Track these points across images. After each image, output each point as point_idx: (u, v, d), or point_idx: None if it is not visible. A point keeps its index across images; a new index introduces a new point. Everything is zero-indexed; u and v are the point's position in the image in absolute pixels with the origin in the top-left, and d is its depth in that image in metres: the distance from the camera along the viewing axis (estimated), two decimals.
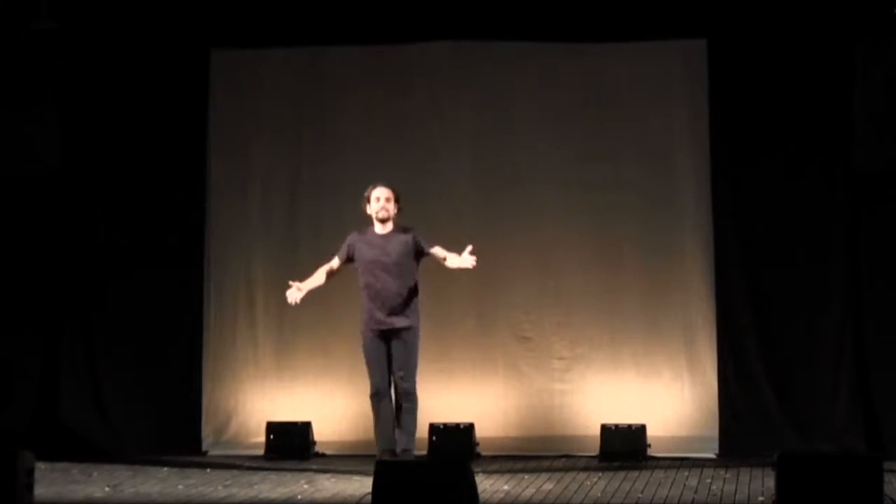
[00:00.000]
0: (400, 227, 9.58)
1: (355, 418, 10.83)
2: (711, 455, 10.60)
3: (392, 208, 9.55)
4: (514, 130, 11.15)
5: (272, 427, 10.98)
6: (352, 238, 9.64)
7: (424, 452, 10.64)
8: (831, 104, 10.68)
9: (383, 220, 9.55)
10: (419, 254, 9.56)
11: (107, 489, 9.25)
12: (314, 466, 10.36)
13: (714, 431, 10.72)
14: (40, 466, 8.63)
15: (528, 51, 11.12)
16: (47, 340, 11.33)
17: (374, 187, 9.59)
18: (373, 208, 9.57)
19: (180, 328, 11.28)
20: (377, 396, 9.52)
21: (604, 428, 10.63)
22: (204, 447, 11.21)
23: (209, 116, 11.41)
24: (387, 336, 9.47)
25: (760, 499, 8.60)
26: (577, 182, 11.09)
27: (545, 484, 9.31)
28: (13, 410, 11.13)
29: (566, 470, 10.05)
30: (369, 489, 7.55)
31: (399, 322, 9.43)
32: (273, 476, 9.82)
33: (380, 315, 9.44)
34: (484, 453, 10.75)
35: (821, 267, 10.71)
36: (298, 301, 9.56)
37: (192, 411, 11.22)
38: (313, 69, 11.41)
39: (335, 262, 9.70)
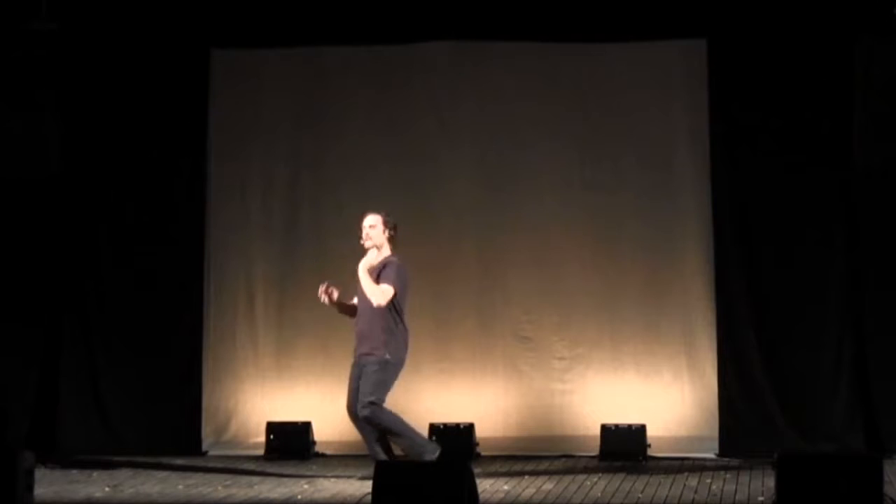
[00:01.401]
0: (390, 258, 9.44)
1: None
2: (711, 455, 10.60)
3: (376, 235, 9.42)
4: (514, 130, 11.14)
5: (272, 427, 10.98)
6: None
7: None
8: (831, 104, 10.68)
9: (370, 248, 9.45)
10: None
11: (107, 489, 9.25)
12: (314, 466, 10.36)
13: (714, 431, 10.72)
14: (40, 466, 8.62)
15: (528, 51, 11.11)
16: (47, 341, 11.32)
17: (363, 216, 9.50)
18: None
19: (180, 328, 11.28)
20: (349, 414, 9.53)
21: (604, 428, 10.63)
22: (204, 447, 11.21)
23: (209, 116, 11.40)
24: (359, 362, 9.47)
25: (760, 499, 8.59)
26: (577, 182, 11.09)
27: (545, 484, 9.30)
28: (13, 411, 11.14)
29: (566, 470, 10.05)
30: (369, 489, 7.56)
31: (365, 351, 9.38)
32: (273, 476, 9.82)
33: (357, 342, 9.48)
34: (484, 453, 10.75)
35: (821, 267, 10.71)
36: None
37: (192, 411, 11.22)
38: (313, 69, 11.40)
39: None
